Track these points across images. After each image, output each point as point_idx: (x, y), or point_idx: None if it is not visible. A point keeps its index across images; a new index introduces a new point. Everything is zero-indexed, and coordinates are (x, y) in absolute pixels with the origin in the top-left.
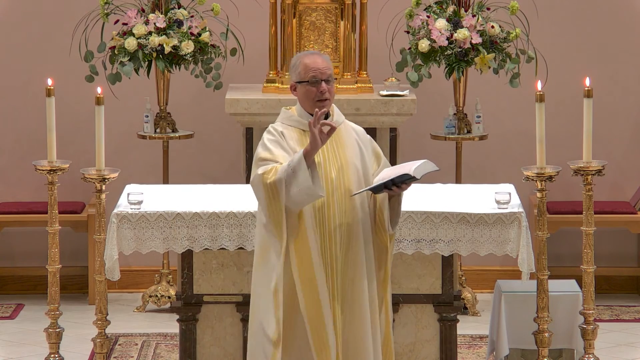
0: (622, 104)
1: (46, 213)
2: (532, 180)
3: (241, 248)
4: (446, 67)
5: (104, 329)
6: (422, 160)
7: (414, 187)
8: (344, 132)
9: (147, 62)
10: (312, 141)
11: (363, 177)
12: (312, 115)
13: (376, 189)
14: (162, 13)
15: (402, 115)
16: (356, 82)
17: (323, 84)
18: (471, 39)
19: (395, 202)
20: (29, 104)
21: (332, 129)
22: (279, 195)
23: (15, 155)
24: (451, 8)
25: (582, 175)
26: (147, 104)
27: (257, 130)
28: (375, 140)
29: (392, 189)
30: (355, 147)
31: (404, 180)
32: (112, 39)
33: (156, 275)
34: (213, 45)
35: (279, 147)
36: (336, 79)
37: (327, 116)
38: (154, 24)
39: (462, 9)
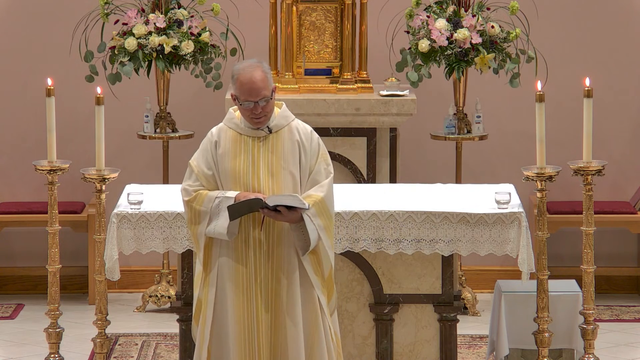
0: (622, 104)
1: (46, 213)
2: (532, 180)
3: None
4: (446, 67)
5: (104, 329)
6: (294, 195)
7: (414, 187)
8: (283, 138)
9: (147, 62)
10: (246, 196)
11: (300, 182)
12: (250, 125)
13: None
14: (162, 13)
15: (402, 115)
16: (356, 82)
17: (258, 106)
18: (471, 39)
19: (299, 228)
20: (29, 104)
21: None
22: (200, 223)
23: (15, 155)
24: (451, 8)
25: (582, 175)
26: (147, 104)
27: None
28: (375, 140)
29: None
30: (293, 151)
31: (266, 206)
32: (112, 39)
33: (156, 275)
34: (213, 45)
35: (204, 162)
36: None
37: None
38: (154, 24)
39: (462, 9)
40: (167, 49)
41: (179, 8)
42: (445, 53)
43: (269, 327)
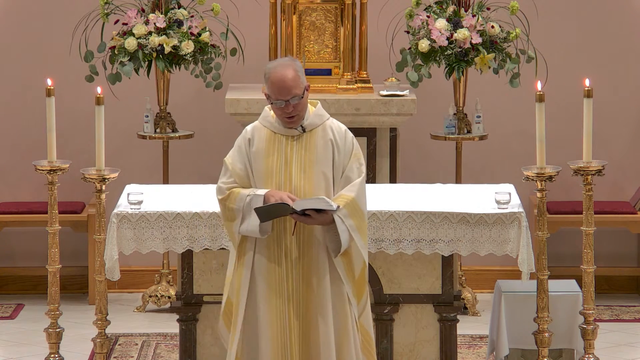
0: (622, 104)
1: (46, 213)
2: (532, 180)
3: None
4: (446, 67)
5: (104, 329)
6: (321, 197)
7: (414, 187)
8: (317, 137)
9: (147, 62)
10: (275, 194)
11: (333, 181)
12: (283, 124)
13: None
14: (162, 13)
15: (402, 115)
16: (356, 82)
17: (290, 105)
18: (471, 39)
19: (331, 230)
20: (29, 103)
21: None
22: (233, 221)
23: (15, 155)
24: (451, 8)
25: (582, 175)
26: (147, 104)
27: None
28: (375, 140)
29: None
30: (326, 150)
31: (296, 211)
32: (112, 39)
33: (156, 275)
34: (213, 45)
35: (238, 159)
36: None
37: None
38: (154, 24)
39: (462, 9)
40: (167, 49)
41: (179, 8)
42: (445, 53)
43: (299, 330)
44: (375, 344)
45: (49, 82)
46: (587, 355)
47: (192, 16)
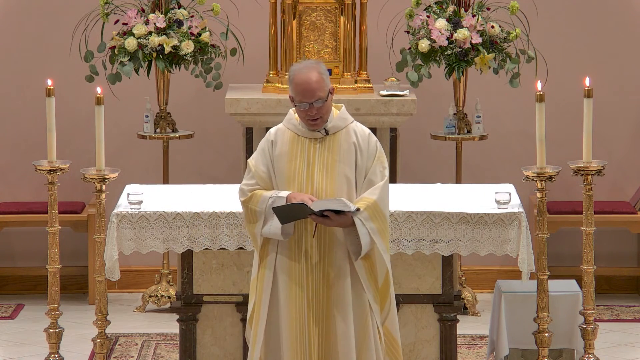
0: (622, 104)
1: (46, 213)
2: (532, 180)
3: (241, 248)
4: (446, 67)
5: (104, 329)
6: (339, 198)
7: (414, 187)
8: (340, 140)
9: (147, 62)
10: (297, 196)
11: (356, 184)
12: (306, 127)
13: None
14: (162, 13)
15: (402, 115)
16: (356, 82)
17: (313, 108)
18: (471, 39)
19: (352, 232)
20: (29, 104)
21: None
22: (255, 223)
23: (15, 155)
24: (451, 8)
25: (582, 175)
26: (147, 104)
27: (257, 130)
28: None
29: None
30: (349, 153)
31: (315, 212)
32: (112, 39)
33: (156, 275)
34: (213, 45)
35: (261, 161)
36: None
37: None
38: (154, 24)
39: (462, 9)
40: (167, 49)
41: (179, 8)
42: (445, 53)
43: (319, 332)
44: (401, 349)
45: (49, 82)
46: (587, 355)
47: (192, 16)
